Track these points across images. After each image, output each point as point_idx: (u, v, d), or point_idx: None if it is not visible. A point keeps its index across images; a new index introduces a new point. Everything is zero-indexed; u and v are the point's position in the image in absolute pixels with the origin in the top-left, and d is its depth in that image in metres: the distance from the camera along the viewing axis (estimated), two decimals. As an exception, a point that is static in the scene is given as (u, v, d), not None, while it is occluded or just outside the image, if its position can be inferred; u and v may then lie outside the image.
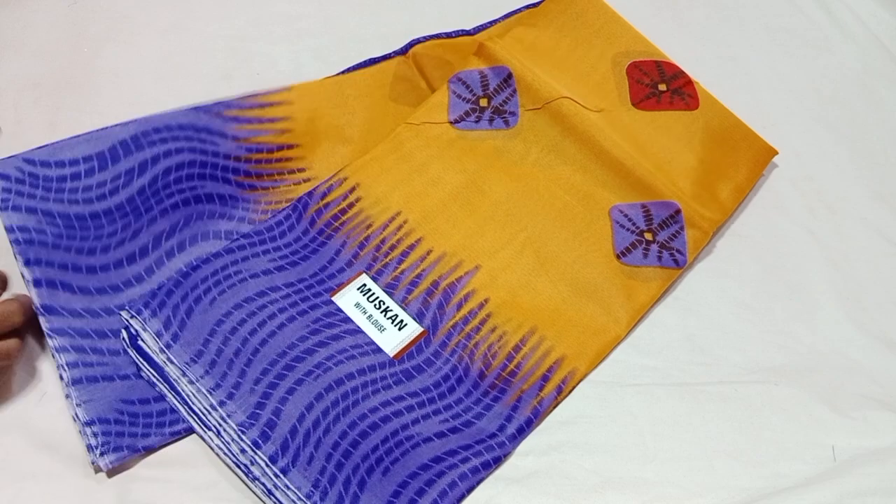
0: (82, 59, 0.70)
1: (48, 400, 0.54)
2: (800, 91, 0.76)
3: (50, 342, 0.54)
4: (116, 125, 0.59)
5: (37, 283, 0.54)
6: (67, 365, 0.53)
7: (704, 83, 0.70)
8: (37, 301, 0.54)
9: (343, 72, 0.71)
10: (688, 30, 0.79)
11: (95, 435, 0.51)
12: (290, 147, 0.66)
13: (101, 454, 0.51)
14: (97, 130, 0.58)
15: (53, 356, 0.54)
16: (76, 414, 0.52)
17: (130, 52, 0.71)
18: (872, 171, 0.71)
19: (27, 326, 0.55)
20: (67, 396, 0.53)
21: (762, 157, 0.68)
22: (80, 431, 0.52)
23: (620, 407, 0.58)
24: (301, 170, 0.66)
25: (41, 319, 0.54)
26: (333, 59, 0.72)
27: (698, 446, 0.56)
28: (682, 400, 0.58)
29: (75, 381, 0.53)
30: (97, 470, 0.52)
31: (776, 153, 0.68)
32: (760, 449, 0.56)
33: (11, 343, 0.53)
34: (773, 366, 0.60)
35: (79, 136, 0.57)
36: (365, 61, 0.72)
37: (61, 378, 0.54)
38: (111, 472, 0.52)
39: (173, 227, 0.59)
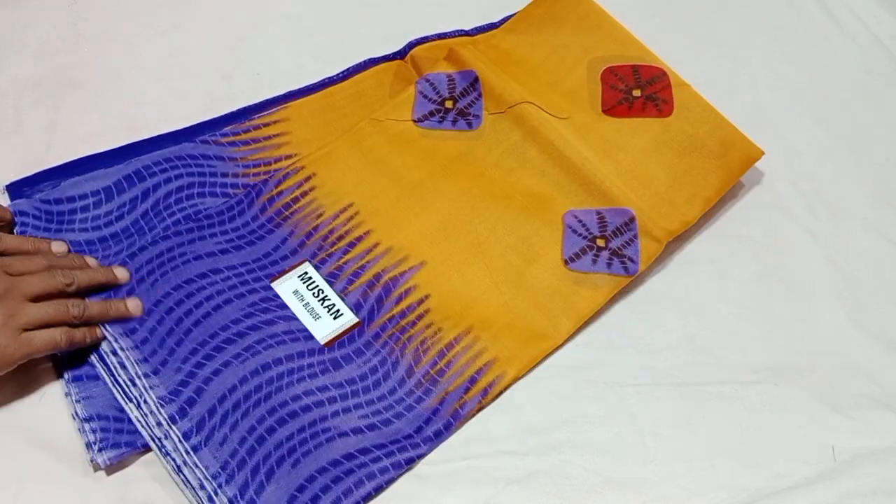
0: (82, 59, 0.70)
1: (48, 400, 0.54)
2: (800, 91, 0.76)
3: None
4: (119, 165, 0.63)
5: None
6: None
7: (704, 83, 0.69)
8: None
9: (343, 72, 0.71)
10: (688, 30, 0.79)
11: (94, 431, 0.52)
12: (288, 157, 0.66)
13: (100, 450, 0.51)
14: (102, 170, 0.62)
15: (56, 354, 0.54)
16: (75, 411, 0.52)
17: (130, 52, 0.71)
18: (872, 171, 0.71)
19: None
20: (67, 394, 0.53)
21: (742, 162, 0.66)
22: (78, 429, 0.52)
23: (620, 407, 0.57)
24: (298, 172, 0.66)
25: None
26: (333, 59, 0.72)
27: (698, 446, 0.56)
28: (682, 400, 0.58)
29: (75, 378, 0.54)
30: (96, 468, 0.51)
31: (762, 154, 0.66)
32: (760, 449, 0.56)
33: None
34: (773, 366, 0.60)
35: (84, 175, 0.62)
36: (365, 62, 0.72)
37: (62, 376, 0.54)
38: (110, 471, 0.52)
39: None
